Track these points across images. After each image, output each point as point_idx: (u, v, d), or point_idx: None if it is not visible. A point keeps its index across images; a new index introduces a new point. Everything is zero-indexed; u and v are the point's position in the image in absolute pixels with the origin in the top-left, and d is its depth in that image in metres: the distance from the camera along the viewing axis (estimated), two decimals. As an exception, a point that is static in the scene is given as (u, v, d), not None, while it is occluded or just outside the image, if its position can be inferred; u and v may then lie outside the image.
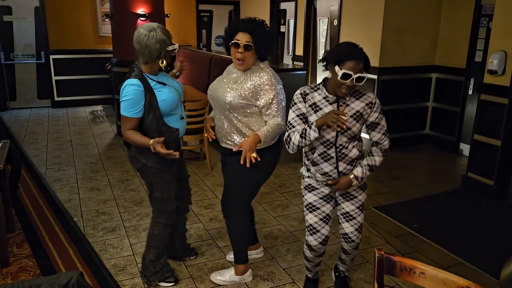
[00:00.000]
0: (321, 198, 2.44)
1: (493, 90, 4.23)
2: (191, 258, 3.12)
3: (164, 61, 2.49)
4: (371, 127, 2.38)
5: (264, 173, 2.67)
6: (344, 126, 2.10)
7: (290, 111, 2.39)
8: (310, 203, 2.47)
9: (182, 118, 2.62)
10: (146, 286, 2.80)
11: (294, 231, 3.60)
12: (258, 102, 2.46)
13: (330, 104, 2.31)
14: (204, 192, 4.34)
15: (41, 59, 8.06)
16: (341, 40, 6.09)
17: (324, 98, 2.32)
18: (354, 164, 2.37)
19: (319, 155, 2.36)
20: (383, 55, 5.44)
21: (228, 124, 2.54)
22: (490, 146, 4.30)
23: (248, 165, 2.32)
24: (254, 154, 2.34)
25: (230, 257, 3.13)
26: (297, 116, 2.35)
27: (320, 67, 6.98)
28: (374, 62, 5.42)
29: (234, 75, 2.54)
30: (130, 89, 2.40)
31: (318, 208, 2.44)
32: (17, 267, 2.96)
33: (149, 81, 2.46)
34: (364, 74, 2.19)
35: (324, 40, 6.87)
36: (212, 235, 3.50)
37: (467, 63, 5.41)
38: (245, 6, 9.11)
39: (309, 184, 2.47)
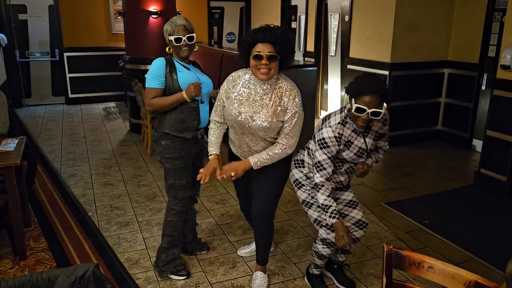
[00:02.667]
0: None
1: (506, 86, 4.19)
2: (203, 252, 3.17)
3: (167, 49, 2.68)
4: (380, 137, 2.48)
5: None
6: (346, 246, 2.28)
7: (321, 151, 2.34)
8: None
9: (202, 102, 2.68)
10: (158, 279, 2.85)
11: (304, 226, 3.62)
12: (284, 118, 2.40)
13: (358, 135, 2.36)
14: (215, 188, 4.39)
15: (55, 56, 8.18)
16: (352, 35, 6.07)
17: (353, 131, 2.35)
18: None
19: (345, 170, 2.47)
20: (394, 50, 5.40)
21: (264, 143, 2.47)
22: (503, 142, 4.25)
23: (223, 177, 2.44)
24: (224, 176, 2.43)
25: (241, 252, 3.17)
26: (329, 158, 2.34)
27: (331, 63, 6.97)
28: (386, 57, 5.39)
29: (259, 94, 2.39)
30: (154, 63, 2.61)
31: None
32: (34, 260, 3.04)
33: (175, 62, 2.66)
34: (380, 110, 2.17)
35: (335, 36, 6.84)
36: (223, 230, 3.54)
37: (480, 58, 5.35)
38: (256, 2, 9.11)
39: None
